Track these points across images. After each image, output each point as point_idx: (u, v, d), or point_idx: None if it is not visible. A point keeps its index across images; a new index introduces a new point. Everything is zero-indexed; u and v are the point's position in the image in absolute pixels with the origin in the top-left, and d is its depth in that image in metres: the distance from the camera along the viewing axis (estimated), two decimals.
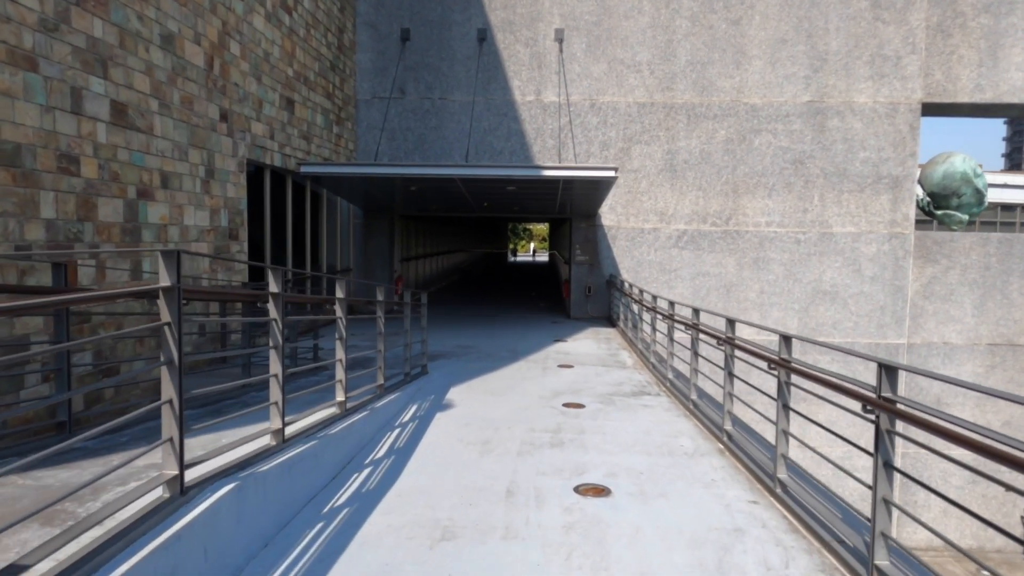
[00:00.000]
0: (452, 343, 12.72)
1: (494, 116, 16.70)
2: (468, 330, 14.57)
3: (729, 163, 16.60)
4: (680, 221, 16.77)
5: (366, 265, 17.16)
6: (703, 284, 16.82)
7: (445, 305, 19.79)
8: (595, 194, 13.82)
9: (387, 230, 17.15)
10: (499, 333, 14.19)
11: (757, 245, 16.69)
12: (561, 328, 15.23)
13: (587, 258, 16.88)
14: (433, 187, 13.37)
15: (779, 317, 16.70)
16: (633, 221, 16.84)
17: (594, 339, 13.69)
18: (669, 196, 16.75)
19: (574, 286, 16.97)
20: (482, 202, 14.97)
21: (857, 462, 16.55)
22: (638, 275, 16.84)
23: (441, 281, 26.28)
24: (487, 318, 16.81)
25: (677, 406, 7.96)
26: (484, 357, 11.29)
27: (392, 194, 14.46)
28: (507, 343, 12.84)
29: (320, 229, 15.03)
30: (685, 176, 16.68)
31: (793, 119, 16.45)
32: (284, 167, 12.39)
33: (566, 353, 11.82)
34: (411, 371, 8.88)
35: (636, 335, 13.04)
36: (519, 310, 18.79)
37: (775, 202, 16.61)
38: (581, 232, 16.90)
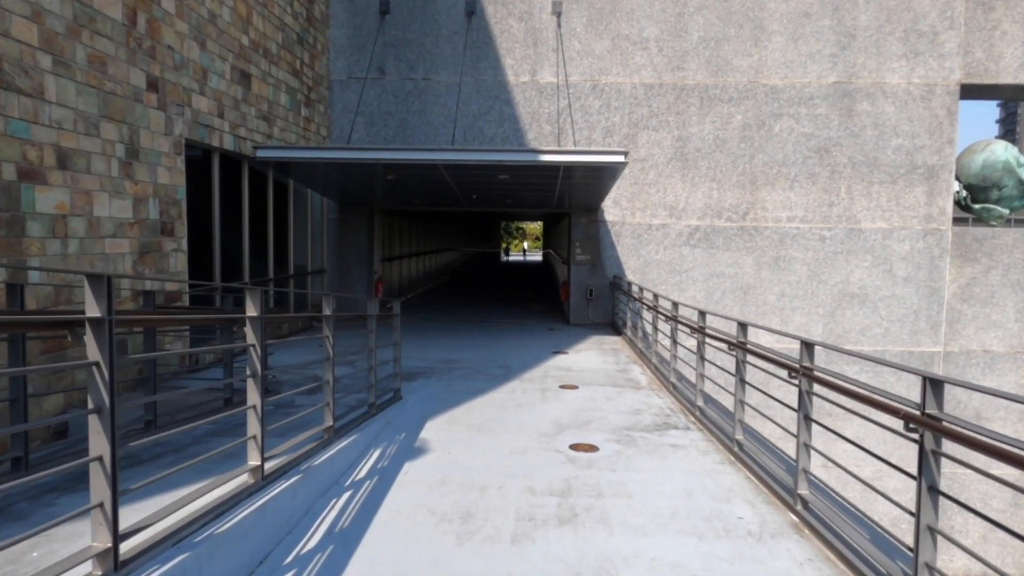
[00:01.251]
0: (435, 356, 10.95)
1: (484, 99, 14.95)
2: (455, 339, 12.81)
3: (746, 151, 14.90)
4: (692, 216, 15.06)
5: (341, 266, 15.38)
6: (717, 286, 15.12)
7: (431, 310, 18.02)
8: (599, 184, 12.09)
9: (365, 226, 15.37)
10: (490, 343, 12.43)
11: (777, 243, 15.00)
12: (560, 337, 13.49)
13: (588, 257, 15.15)
14: (414, 175, 11.60)
15: (801, 323, 15.02)
16: (639, 216, 15.12)
17: (598, 350, 11.95)
18: (679, 188, 15.03)
19: (574, 289, 15.25)
20: (471, 194, 13.23)
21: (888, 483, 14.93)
22: (645, 276, 15.13)
23: (428, 283, 24.52)
24: (477, 325, 15.05)
25: (716, 446, 6.23)
26: (471, 375, 9.54)
27: (368, 184, 12.69)
28: (499, 356, 11.09)
29: (287, 225, 13.23)
30: (697, 166, 14.98)
31: (818, 102, 14.76)
32: (239, 151, 10.59)
33: (568, 369, 10.09)
34: (378, 400, 7.12)
35: (648, 346, 11.32)
36: (512, 315, 17.04)
37: (797, 195, 14.92)
38: (582, 228, 15.17)
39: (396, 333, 7.86)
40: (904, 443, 14.72)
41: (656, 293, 10.16)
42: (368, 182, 12.43)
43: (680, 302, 8.88)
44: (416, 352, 11.28)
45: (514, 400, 8.03)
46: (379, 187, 13.26)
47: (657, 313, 10.05)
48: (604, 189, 12.65)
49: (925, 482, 3.27)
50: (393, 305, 7.86)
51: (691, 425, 7.03)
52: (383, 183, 12.45)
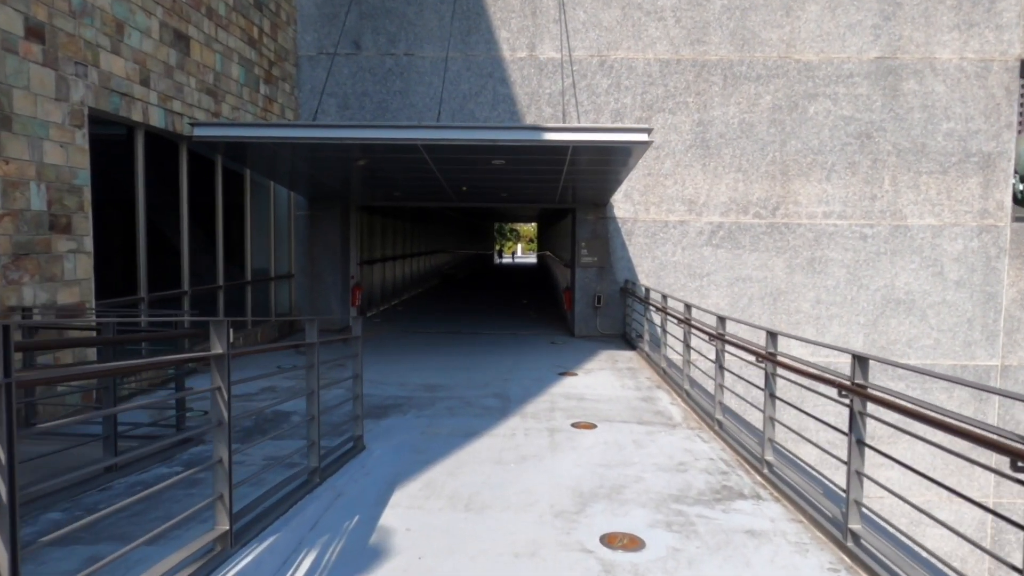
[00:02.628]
0: (416, 380, 8.97)
1: (476, 77, 12.99)
2: (442, 357, 10.83)
3: (777, 137, 12.99)
4: (714, 212, 13.14)
5: (312, 270, 13.38)
6: (743, 292, 13.20)
7: (417, 318, 16.03)
8: (612, 172, 10.15)
9: (339, 225, 13.38)
10: (483, 361, 10.46)
11: (812, 242, 13.10)
12: (565, 352, 11.53)
13: (595, 260, 13.21)
14: (390, 161, 9.63)
15: (839, 334, 13.12)
16: (654, 212, 13.19)
17: (612, 370, 10.00)
18: (700, 180, 13.11)
19: (579, 295, 13.30)
20: (460, 185, 11.27)
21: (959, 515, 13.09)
22: (660, 280, 13.20)
23: (415, 288, 22.53)
24: (468, 337, 13.08)
25: (813, 533, 4.28)
26: (460, 408, 7.57)
27: (338, 173, 10.70)
28: (494, 379, 9.12)
29: (243, 222, 11.23)
30: (720, 154, 13.06)
31: (858, 80, 12.87)
32: (172, 130, 8.59)
33: (580, 397, 8.13)
34: (327, 460, 5.14)
35: (671, 365, 9.39)
36: (508, 325, 15.07)
37: (835, 187, 13.02)
38: (588, 226, 13.23)
39: (356, 363, 5.87)
40: (979, 473, 12.88)
41: (688, 303, 8.21)
42: (337, 170, 10.45)
43: (730, 316, 6.92)
44: (394, 375, 9.30)
45: (515, 448, 6.06)
46: (352, 177, 11.28)
47: (690, 328, 8.11)
48: (617, 178, 10.70)
49: None
50: (353, 325, 5.86)
51: (761, 491, 5.07)
52: (354, 172, 10.47)
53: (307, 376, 4.74)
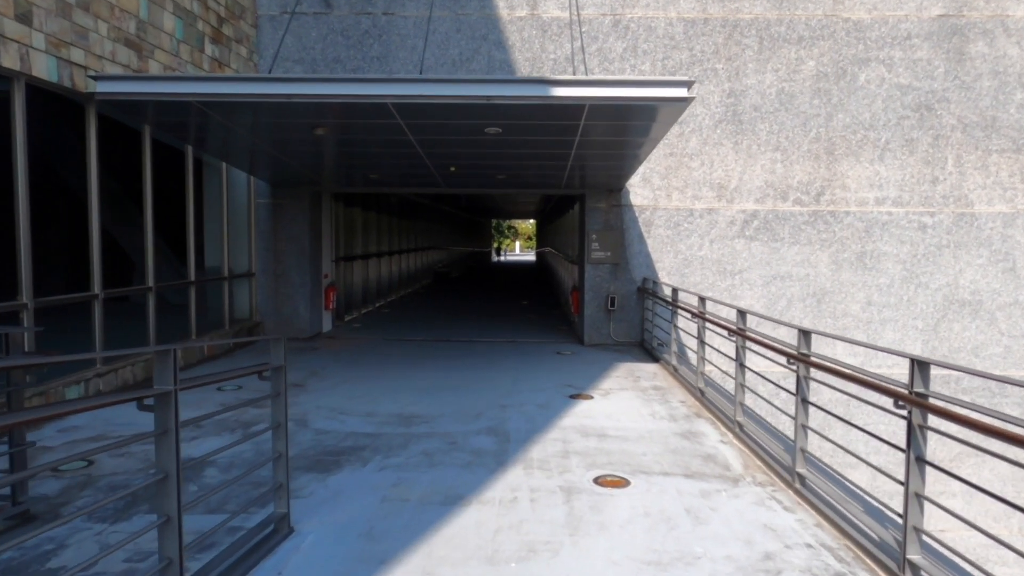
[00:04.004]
0: (389, 408, 7.03)
1: (467, 40, 11.04)
2: (426, 374, 8.90)
3: (821, 109, 11.06)
4: (748, 198, 11.22)
5: (276, 268, 11.42)
6: (782, 291, 11.27)
7: (403, 323, 14.08)
8: (633, 146, 8.22)
9: (308, 214, 11.42)
10: (475, 380, 8.53)
11: (863, 233, 11.18)
12: (575, 366, 9.60)
13: (609, 255, 11.27)
14: (356, 129, 7.68)
15: (895, 339, 11.20)
16: (677, 199, 11.26)
17: (635, 389, 8.07)
18: (731, 161, 11.18)
19: (588, 297, 11.36)
20: (447, 164, 9.32)
21: None
22: (684, 278, 11.27)
23: (405, 287, 20.58)
24: (460, 347, 11.14)
25: None
26: (440, 455, 5.64)
27: (295, 148, 8.74)
28: (488, 406, 7.19)
29: (185, 210, 9.29)
30: (755, 130, 11.13)
31: (917, 43, 10.94)
32: (71, 86, 6.64)
33: (600, 434, 6.19)
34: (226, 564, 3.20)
35: (710, 383, 7.48)
36: (507, 329, 13.13)
37: (890, 168, 11.10)
38: (599, 216, 11.29)
39: (278, 405, 3.94)
40: None
41: (741, 309, 6.28)
42: (295, 145, 8.49)
43: (815, 330, 4.98)
44: (363, 400, 7.36)
45: (517, 527, 4.12)
46: (316, 156, 9.33)
47: (745, 340, 6.18)
48: (638, 154, 8.76)
49: None
50: (272, 355, 3.90)
51: None
52: (318, 148, 8.52)
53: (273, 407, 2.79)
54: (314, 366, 9.19)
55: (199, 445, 5.63)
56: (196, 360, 9.30)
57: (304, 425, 6.30)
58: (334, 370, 8.96)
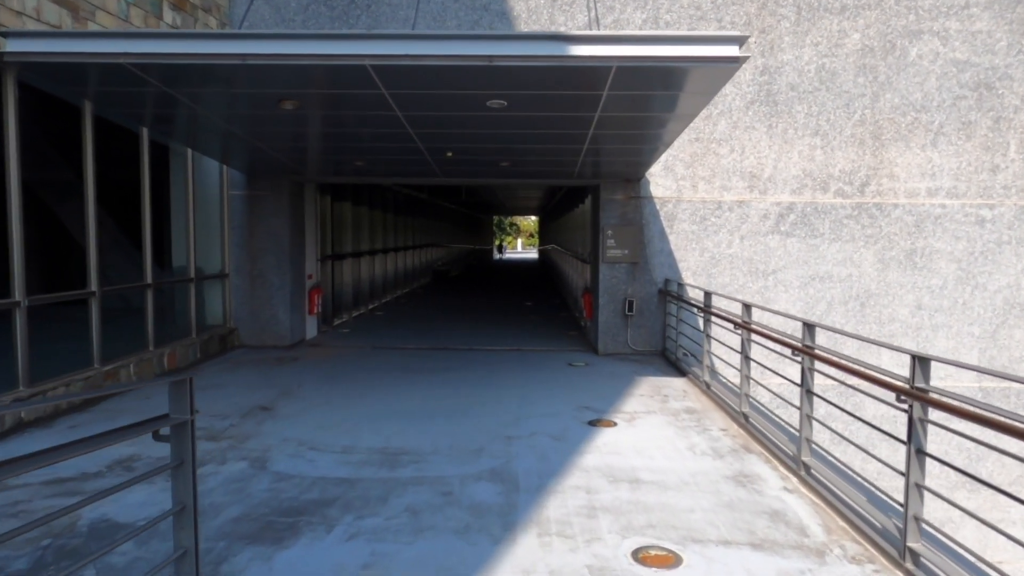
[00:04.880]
0: (370, 442, 5.79)
1: (465, 10, 9.78)
2: (418, 393, 7.66)
3: (867, 88, 9.80)
4: (783, 189, 9.96)
5: (252, 269, 10.18)
6: (820, 294, 10.02)
7: (397, 329, 12.84)
8: (658, 124, 6.97)
9: (288, 208, 10.17)
10: (475, 403, 7.28)
11: (913, 228, 9.92)
12: (590, 381, 8.35)
13: (626, 253, 10.01)
14: (333, 102, 6.43)
15: (947, 347, 9.94)
16: (704, 189, 10.01)
17: (665, 412, 6.83)
18: (765, 146, 9.93)
19: (603, 300, 10.10)
20: (442, 149, 8.06)
21: None
22: (711, 279, 10.03)
23: (401, 287, 19.34)
24: (459, 357, 9.90)
25: None
26: (429, 512, 4.40)
27: (263, 128, 7.48)
28: (491, 438, 5.95)
29: (141, 202, 8.05)
30: (792, 112, 9.87)
31: (976, 12, 9.67)
32: None
33: (633, 479, 4.95)
34: None
35: (756, 407, 6.26)
36: (511, 336, 11.89)
37: (944, 155, 9.84)
38: (616, 209, 10.03)
39: (182, 481, 2.69)
40: None
41: (809, 322, 5.03)
42: (262, 124, 7.24)
43: (935, 356, 3.74)
44: (340, 428, 6.11)
45: None
46: (293, 138, 8.07)
47: (812, 359, 4.93)
48: (665, 134, 7.50)
49: None
50: (172, 403, 2.65)
51: None
52: (288, 126, 7.27)
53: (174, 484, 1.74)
54: (289, 382, 7.94)
55: (119, 500, 4.39)
56: (154, 375, 8.06)
57: (262, 468, 5.05)
58: (312, 388, 7.72)
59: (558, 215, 23.38)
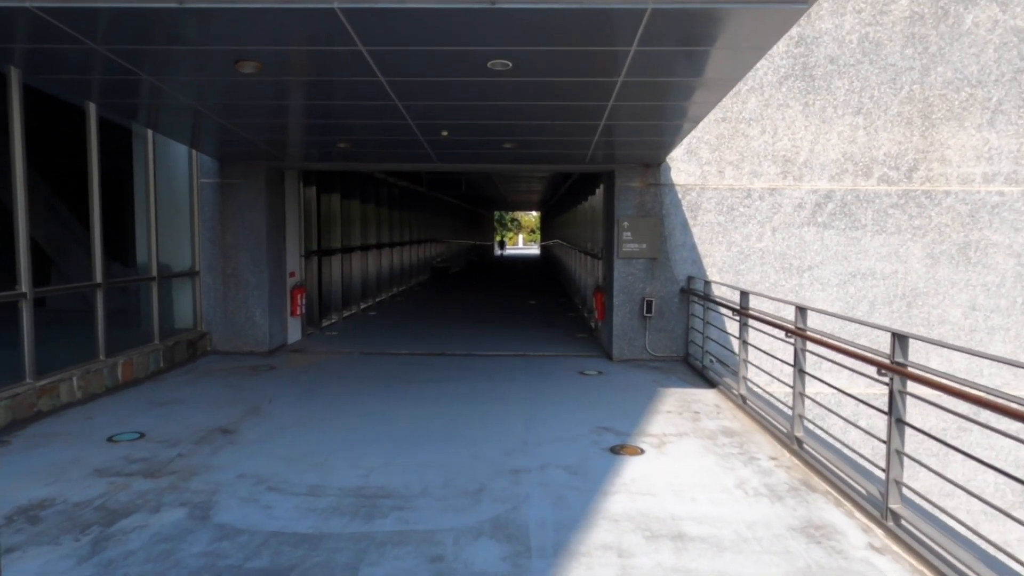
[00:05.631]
0: (345, 479, 4.72)
1: None
2: (408, 411, 6.60)
3: (916, 61, 8.71)
4: (821, 174, 8.88)
5: (225, 266, 9.11)
6: (862, 293, 8.94)
7: (390, 332, 11.79)
8: (697, 90, 5.89)
9: (266, 197, 9.09)
10: (474, 423, 6.23)
11: (967, 219, 8.84)
12: (607, 394, 7.28)
13: (644, 247, 8.93)
14: (301, 64, 5.35)
15: (1006, 352, 8.87)
16: (731, 176, 8.92)
17: (700, 436, 5.76)
18: (800, 127, 8.84)
19: (618, 300, 9.03)
20: (436, 127, 6.96)
21: None
22: (739, 276, 8.95)
23: (397, 284, 18.27)
24: (458, 364, 8.85)
25: None
26: None
27: (217, 100, 6.39)
28: (492, 472, 4.89)
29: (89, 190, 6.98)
30: (831, 88, 8.78)
31: None
32: None
33: (676, 535, 3.88)
34: None
35: (812, 433, 5.20)
36: (515, 340, 10.82)
37: (1003, 135, 8.75)
38: (632, 198, 8.95)
39: None
40: None
41: (900, 331, 3.97)
42: (221, 96, 6.15)
43: None
44: (309, 461, 5.04)
45: None
46: (264, 114, 6.99)
47: (903, 377, 3.87)
48: (694, 107, 6.42)
49: None
50: None
51: None
52: (254, 97, 6.18)
53: None
54: (259, 397, 6.88)
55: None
56: (104, 389, 6.99)
57: (203, 518, 3.98)
58: (285, 404, 6.65)
59: (563, 209, 22.29)
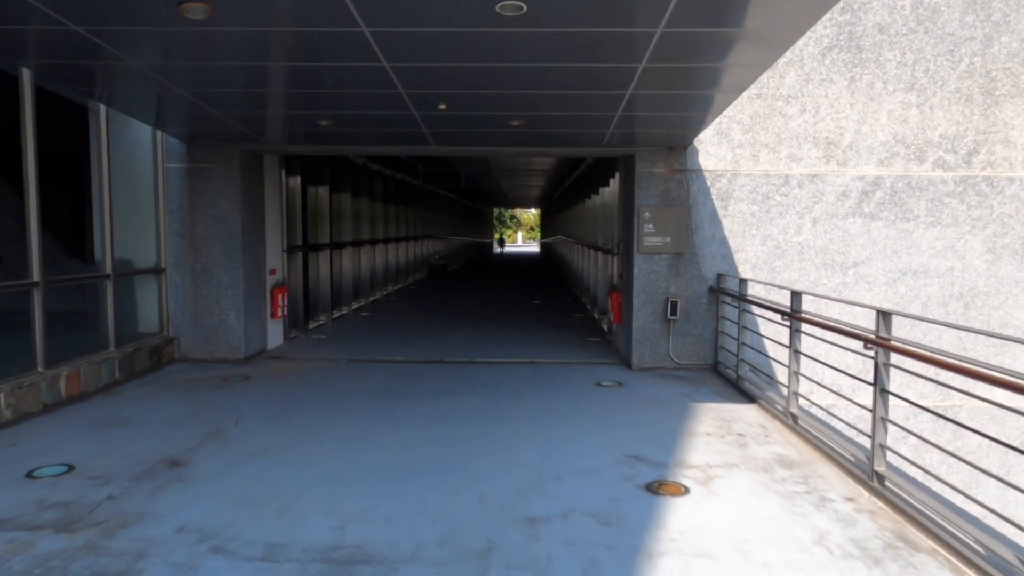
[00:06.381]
0: (313, 533, 3.69)
1: None
2: (397, 436, 5.60)
3: (978, 30, 7.69)
4: (868, 159, 7.86)
5: (195, 263, 8.08)
6: (914, 292, 7.93)
7: (384, 335, 10.76)
8: (755, 50, 4.87)
9: (240, 185, 8.05)
10: (477, 451, 5.23)
11: None
12: (631, 411, 6.26)
13: (668, 241, 7.91)
14: (256, 8, 4.30)
15: None
16: (767, 160, 7.90)
17: (752, 467, 4.74)
18: (845, 105, 7.82)
19: (638, 301, 8.00)
20: (432, 98, 5.92)
21: None
22: (774, 274, 7.93)
23: (393, 282, 17.23)
24: (457, 374, 7.84)
25: None
26: None
27: (163, 56, 5.34)
28: (502, 523, 3.88)
29: (24, 175, 5.95)
30: (880, 60, 7.76)
31: None
32: None
33: None
34: None
35: (895, 466, 4.20)
36: (520, 343, 9.81)
37: None
38: (655, 186, 7.92)
39: None
40: None
41: None
42: (169, 55, 5.11)
43: None
44: (271, 505, 4.02)
45: None
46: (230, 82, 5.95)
47: None
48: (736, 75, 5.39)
49: None
50: None
51: None
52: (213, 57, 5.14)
53: None
54: (225, 416, 5.85)
55: None
56: (41, 406, 5.96)
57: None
58: (253, 425, 5.63)
59: (568, 204, 21.26)
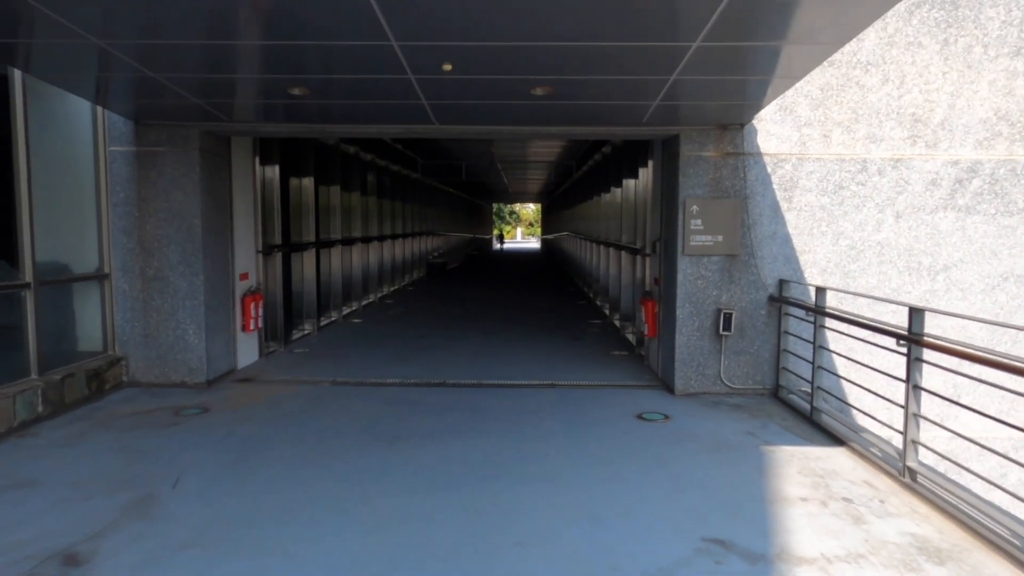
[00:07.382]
0: None
1: None
2: (385, 498, 4.24)
3: None
4: (964, 140, 6.47)
5: (144, 264, 6.67)
6: (1017, 300, 6.56)
7: (375, 349, 9.38)
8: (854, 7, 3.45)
9: (201, 173, 6.63)
10: (497, 526, 3.85)
11: None
12: (685, 455, 4.88)
13: (719, 240, 6.52)
14: None
15: None
16: (839, 142, 6.50)
17: (881, 555, 3.38)
18: (936, 75, 6.42)
19: (682, 312, 6.60)
20: (437, 55, 4.56)
21: None
22: (847, 279, 6.55)
23: (388, 283, 15.80)
24: (461, 402, 6.48)
25: None
26: None
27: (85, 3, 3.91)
28: None
29: None
30: (980, 20, 6.37)
31: None
32: None
33: None
34: None
35: None
36: (536, 360, 8.42)
37: None
38: (704, 172, 6.52)
39: None
40: None
41: None
42: None
43: None
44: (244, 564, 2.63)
45: None
46: (169, 31, 4.53)
47: None
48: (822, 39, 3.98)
49: None
50: None
51: None
52: None
53: None
54: (162, 471, 4.45)
55: None
56: None
57: None
58: (197, 487, 4.23)
59: (577, 198, 19.84)
